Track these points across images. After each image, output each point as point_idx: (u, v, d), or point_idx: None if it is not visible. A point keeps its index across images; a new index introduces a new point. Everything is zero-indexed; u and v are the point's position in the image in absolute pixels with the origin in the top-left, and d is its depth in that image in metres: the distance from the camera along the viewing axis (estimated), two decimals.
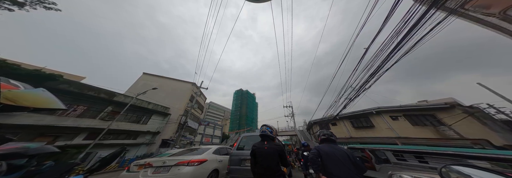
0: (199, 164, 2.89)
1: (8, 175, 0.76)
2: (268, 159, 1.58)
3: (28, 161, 0.88)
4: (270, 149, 1.63)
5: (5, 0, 6.52)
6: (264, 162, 1.58)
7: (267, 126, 1.94)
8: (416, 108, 9.93)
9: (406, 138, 9.51)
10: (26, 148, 0.86)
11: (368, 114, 11.60)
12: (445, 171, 0.64)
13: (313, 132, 16.00)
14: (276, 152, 1.61)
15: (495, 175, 0.52)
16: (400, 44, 3.38)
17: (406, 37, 3.19)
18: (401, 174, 2.88)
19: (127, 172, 3.90)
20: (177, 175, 2.63)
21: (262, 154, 1.62)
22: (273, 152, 1.61)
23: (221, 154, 3.84)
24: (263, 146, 1.70)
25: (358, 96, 6.71)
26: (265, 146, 1.69)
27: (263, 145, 1.70)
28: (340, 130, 13.21)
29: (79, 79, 13.95)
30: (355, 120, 12.43)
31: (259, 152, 1.66)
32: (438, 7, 2.72)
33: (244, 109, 46.98)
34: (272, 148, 1.64)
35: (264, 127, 1.93)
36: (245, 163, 2.87)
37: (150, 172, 2.82)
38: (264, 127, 1.94)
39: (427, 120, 9.41)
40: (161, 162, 2.86)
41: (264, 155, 1.61)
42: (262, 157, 1.61)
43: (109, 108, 10.33)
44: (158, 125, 13.36)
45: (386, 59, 4.07)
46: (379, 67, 4.53)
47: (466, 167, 0.60)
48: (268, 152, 1.62)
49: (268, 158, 1.58)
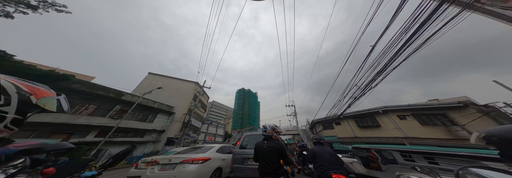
0: (203, 162, 2.95)
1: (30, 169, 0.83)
2: (267, 157, 1.67)
3: (47, 156, 0.94)
4: (268, 148, 1.72)
5: (20, 3, 6.88)
6: (263, 160, 1.68)
7: (264, 127, 2.06)
8: (426, 107, 9.55)
9: (415, 138, 9.21)
10: (45, 144, 0.92)
11: (374, 113, 11.31)
12: (462, 174, 0.60)
13: (316, 131, 15.85)
14: (274, 150, 1.68)
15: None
16: (409, 40, 3.24)
17: (416, 33, 3.05)
18: (409, 175, 2.78)
19: (136, 169, 4.06)
20: (182, 172, 2.69)
21: (262, 153, 1.74)
22: (271, 150, 1.69)
23: (224, 153, 3.89)
24: (263, 145, 1.81)
25: (363, 94, 6.55)
26: (264, 145, 1.79)
27: (263, 144, 1.81)
28: (344, 129, 12.99)
29: (90, 79, 14.56)
30: (360, 119, 12.17)
31: (259, 151, 1.78)
32: (451, 2, 2.57)
33: (246, 108, 47.17)
34: (270, 147, 1.73)
35: (264, 127, 2.05)
36: (247, 161, 2.89)
37: (157, 169, 2.92)
38: (265, 126, 2.05)
39: (438, 119, 9.04)
40: (167, 160, 2.95)
41: (263, 154, 1.71)
42: (262, 156, 1.72)
43: (118, 106, 10.74)
44: (164, 123, 13.75)
45: (394, 56, 3.93)
46: (387, 65, 4.39)
47: (487, 169, 0.56)
48: (266, 150, 1.72)
49: (266, 156, 1.68)
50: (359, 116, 12.17)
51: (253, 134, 3.66)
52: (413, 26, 3.08)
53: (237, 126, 43.57)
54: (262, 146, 1.78)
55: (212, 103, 61.07)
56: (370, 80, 5.49)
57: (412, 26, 3.04)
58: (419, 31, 3.03)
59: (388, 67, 4.47)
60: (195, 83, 18.92)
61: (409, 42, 3.30)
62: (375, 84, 5.61)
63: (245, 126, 40.24)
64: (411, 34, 3.16)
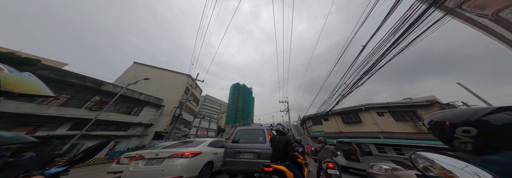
0: (193, 156, 2.90)
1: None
2: (277, 146, 2.17)
3: (2, 151, 0.80)
4: (279, 140, 2.22)
5: None
6: (275, 149, 2.19)
7: (282, 125, 2.60)
8: (401, 104, 10.69)
9: (388, 133, 10.36)
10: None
11: (358, 110, 12.28)
12: (414, 157, 0.71)
13: (306, 126, 16.74)
14: (283, 142, 2.17)
15: (456, 159, 0.57)
16: (397, 41, 3.46)
17: (404, 34, 3.26)
18: (381, 164, 3.21)
19: (117, 164, 3.84)
20: (171, 167, 2.61)
21: (274, 143, 2.25)
22: (281, 142, 2.18)
23: (217, 147, 3.88)
24: (276, 138, 2.32)
25: (350, 92, 7.00)
26: (277, 138, 2.29)
27: (276, 137, 2.33)
28: (331, 125, 13.95)
29: (61, 65, 12.82)
30: (345, 115, 13.13)
31: (273, 142, 2.30)
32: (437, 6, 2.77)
33: (240, 103, 46.94)
34: (280, 139, 2.22)
35: (278, 126, 2.57)
36: (239, 155, 2.87)
37: (142, 164, 2.77)
38: (279, 125, 2.58)
39: (409, 116, 10.22)
40: (153, 154, 2.82)
41: (275, 144, 2.22)
42: (274, 145, 2.24)
43: (97, 97, 9.77)
44: (151, 116, 13.04)
45: (382, 56, 4.19)
46: (374, 64, 4.68)
47: (432, 152, 0.67)
48: (277, 142, 2.22)
49: (277, 146, 2.18)
50: (345, 113, 13.11)
51: (246, 129, 3.58)
52: (402, 28, 3.27)
53: (230, 120, 43.35)
54: (275, 138, 2.30)
55: (205, 97, 59.28)
56: (358, 79, 5.84)
57: (401, 27, 3.23)
58: (407, 32, 3.25)
59: (375, 67, 4.79)
60: (187, 76, 18.00)
61: (397, 42, 3.53)
62: (361, 83, 6.00)
63: (239, 121, 40.27)
64: (400, 35, 3.38)
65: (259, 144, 2.94)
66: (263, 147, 2.82)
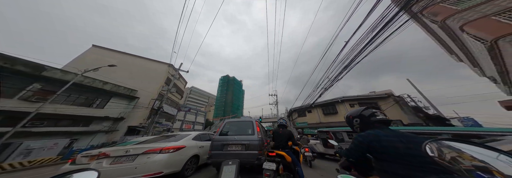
0: (175, 151, 2.75)
1: None
2: (281, 138, 2.56)
3: None
4: (283, 133, 2.62)
5: None
6: (279, 140, 2.57)
7: (284, 119, 3.02)
8: (366, 97, 12.76)
9: None
10: None
11: (335, 102, 14.00)
12: (437, 147, 0.63)
13: (293, 118, 18.02)
14: (286, 134, 2.59)
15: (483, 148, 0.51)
16: (374, 38, 4.05)
17: (380, 32, 3.84)
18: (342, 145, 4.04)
19: (71, 165, 3.26)
20: (147, 163, 2.39)
21: (278, 135, 2.62)
22: (284, 134, 2.59)
23: (203, 140, 3.78)
24: (279, 130, 2.70)
25: (332, 85, 7.87)
26: (280, 130, 2.68)
27: (279, 130, 2.70)
28: (313, 116, 15.48)
29: None
30: (325, 107, 14.76)
31: (276, 134, 2.65)
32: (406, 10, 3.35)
33: (230, 95, 45.38)
34: (284, 132, 2.63)
35: (281, 120, 2.96)
36: (227, 147, 2.81)
37: (107, 163, 2.45)
38: (282, 119, 2.97)
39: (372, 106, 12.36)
40: (122, 151, 2.53)
41: (279, 136, 2.60)
42: (278, 137, 2.60)
43: (36, 85, 7.72)
44: (122, 110, 11.35)
45: (360, 52, 4.84)
46: (353, 60, 5.38)
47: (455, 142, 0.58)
48: (281, 134, 2.61)
49: (281, 138, 2.57)
50: (325, 105, 14.70)
51: (234, 121, 3.48)
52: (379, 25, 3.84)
53: (219, 113, 41.50)
54: (278, 131, 2.68)
55: (191, 89, 54.86)
56: (338, 73, 6.60)
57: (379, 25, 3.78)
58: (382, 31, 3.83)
59: (353, 61, 5.50)
60: (168, 65, 16.09)
61: (373, 39, 4.13)
62: (341, 77, 6.82)
63: (228, 114, 38.85)
64: (376, 33, 3.96)
65: (247, 135, 2.90)
66: (251, 139, 2.79)
